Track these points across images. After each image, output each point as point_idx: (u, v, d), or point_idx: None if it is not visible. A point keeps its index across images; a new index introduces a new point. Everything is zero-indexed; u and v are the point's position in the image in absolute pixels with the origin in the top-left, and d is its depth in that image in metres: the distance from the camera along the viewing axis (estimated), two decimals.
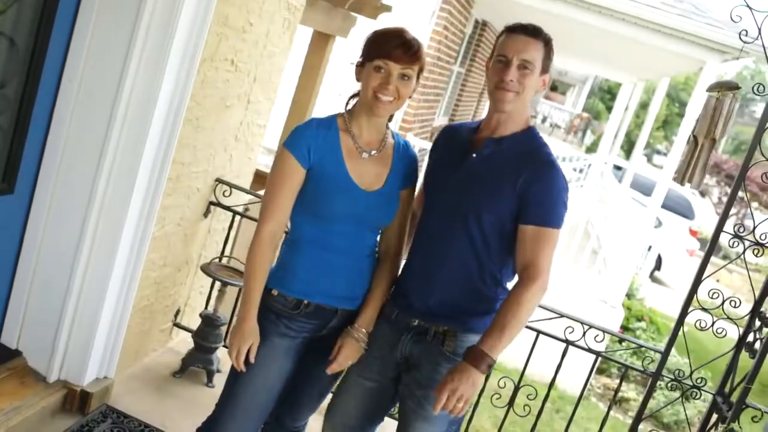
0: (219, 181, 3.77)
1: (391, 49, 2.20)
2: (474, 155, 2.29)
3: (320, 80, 6.45)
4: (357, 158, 2.29)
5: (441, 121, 11.88)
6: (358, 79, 2.30)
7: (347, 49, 8.45)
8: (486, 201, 2.24)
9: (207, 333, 3.65)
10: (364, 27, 7.35)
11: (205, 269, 3.68)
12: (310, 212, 2.28)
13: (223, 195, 3.79)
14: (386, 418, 2.63)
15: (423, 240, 2.38)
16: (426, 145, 9.16)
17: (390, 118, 2.38)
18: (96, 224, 2.89)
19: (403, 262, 2.48)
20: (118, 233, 2.90)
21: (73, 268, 2.88)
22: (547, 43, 2.25)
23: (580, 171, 17.34)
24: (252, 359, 2.27)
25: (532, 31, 2.23)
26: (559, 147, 22.79)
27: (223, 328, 3.72)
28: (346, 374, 2.50)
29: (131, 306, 3.12)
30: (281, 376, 2.36)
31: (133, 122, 2.82)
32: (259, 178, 5.46)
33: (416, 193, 2.50)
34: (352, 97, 2.38)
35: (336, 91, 9.18)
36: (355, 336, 2.35)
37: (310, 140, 2.25)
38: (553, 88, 39.37)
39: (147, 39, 2.76)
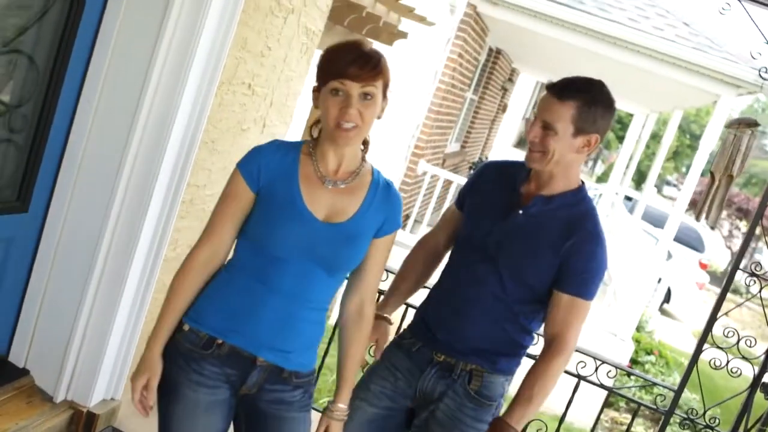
0: None
1: (345, 66, 1.90)
2: (521, 212, 2.23)
3: None
4: (317, 186, 1.99)
5: (453, 147, 11.90)
6: (316, 106, 2.01)
7: None
8: (526, 261, 2.20)
9: None
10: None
11: None
12: (253, 238, 1.99)
13: None
14: None
15: (455, 277, 2.33)
16: (437, 171, 9.18)
17: (365, 147, 2.11)
18: (108, 245, 2.88)
19: (427, 292, 2.46)
20: (130, 254, 2.89)
21: (84, 288, 2.87)
22: (585, 102, 2.12)
23: None
24: (150, 401, 1.95)
25: (560, 92, 2.13)
26: None
27: None
28: (351, 402, 2.40)
29: (141, 329, 3.10)
30: None
31: (150, 144, 2.82)
32: None
33: (448, 216, 2.49)
34: (315, 123, 2.07)
35: None
36: (336, 417, 2.10)
37: (262, 160, 1.99)
38: None
39: (166, 61, 2.76)
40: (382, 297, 2.57)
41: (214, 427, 2.01)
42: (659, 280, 12.95)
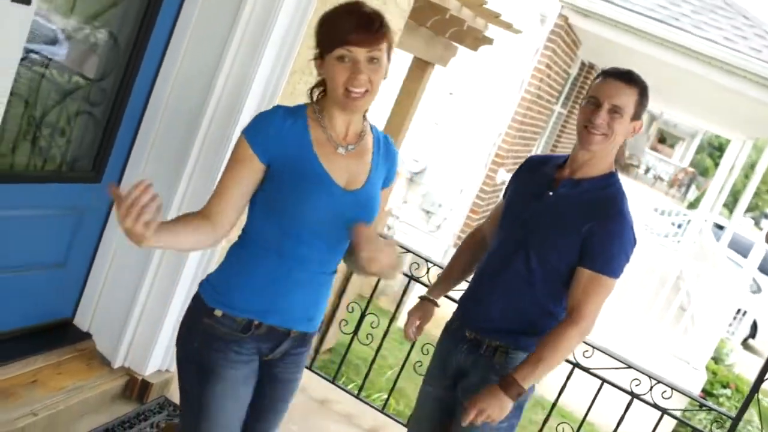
0: None
1: (349, 31, 1.84)
2: (551, 193, 2.35)
3: (416, 107, 6.48)
4: (331, 152, 1.95)
5: None
6: (319, 74, 1.98)
7: (446, 78, 8.52)
8: (551, 241, 2.31)
9: None
10: (464, 57, 7.40)
11: None
12: (276, 214, 1.93)
13: None
14: None
15: (489, 260, 2.48)
16: None
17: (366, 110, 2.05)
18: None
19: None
20: None
21: (147, 260, 2.98)
22: (642, 90, 2.28)
23: (679, 226, 16.86)
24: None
25: (627, 78, 2.26)
26: (659, 200, 22.22)
27: None
28: (420, 391, 2.64)
29: None
30: (243, 408, 2.06)
31: (220, 125, 2.91)
32: None
33: (497, 208, 2.61)
34: (316, 87, 2.04)
35: (432, 119, 9.25)
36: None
37: (271, 130, 1.92)
38: (662, 140, 38.47)
39: (240, 46, 2.84)
40: (432, 282, 2.81)
41: (249, 396, 2.06)
42: (744, 313, 12.49)
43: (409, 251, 3.90)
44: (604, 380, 3.44)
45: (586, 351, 3.37)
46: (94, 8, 2.65)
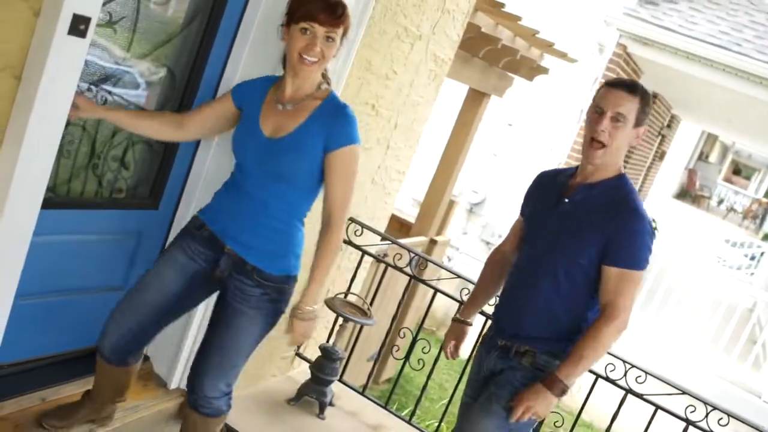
0: (351, 220, 3.90)
1: (316, 11, 2.23)
2: (567, 200, 2.46)
3: (472, 138, 6.54)
4: (272, 108, 2.38)
5: None
6: (282, 39, 2.35)
7: (503, 108, 8.56)
8: (575, 246, 2.41)
9: (324, 365, 3.76)
10: (520, 87, 7.43)
11: (329, 303, 3.80)
12: (233, 151, 2.44)
13: (355, 234, 3.92)
14: None
15: (516, 272, 2.61)
16: None
17: (326, 80, 2.45)
18: None
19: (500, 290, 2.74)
20: None
21: None
22: (643, 98, 2.39)
23: (752, 258, 16.39)
24: None
25: (629, 87, 2.38)
26: (732, 232, 21.64)
27: (340, 362, 3.81)
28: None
29: None
30: (160, 292, 2.45)
31: None
32: (396, 223, 5.61)
33: (515, 227, 2.75)
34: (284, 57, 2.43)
35: (491, 150, 9.28)
36: (298, 316, 2.41)
37: (248, 87, 2.47)
38: (736, 171, 37.54)
39: None
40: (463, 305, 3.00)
41: (166, 278, 2.46)
42: None
43: (458, 276, 3.93)
44: (658, 406, 3.38)
45: (639, 376, 3.33)
46: (151, 43, 2.79)
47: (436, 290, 3.80)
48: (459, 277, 3.88)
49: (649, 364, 3.59)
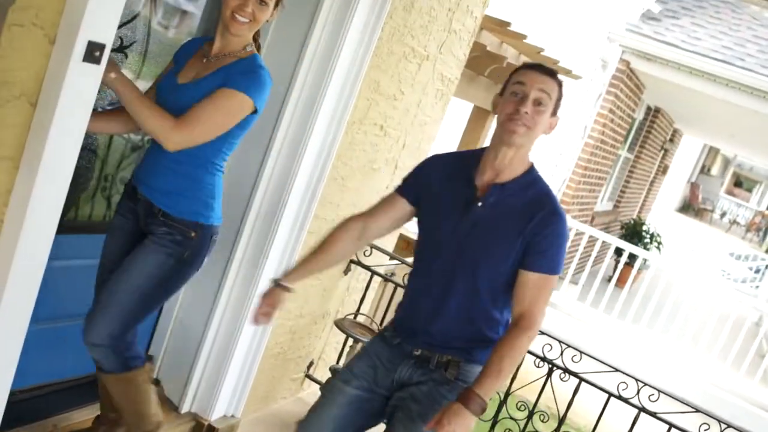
0: None
1: None
2: (480, 204, 2.25)
3: None
4: (198, 62, 2.42)
5: (605, 206, 11.64)
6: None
7: None
8: (493, 251, 2.22)
9: None
10: None
11: (339, 324, 3.79)
12: None
13: (364, 254, 3.91)
14: None
15: (427, 277, 2.34)
16: (584, 228, 9.01)
17: (258, 47, 2.49)
18: (237, 270, 3.07)
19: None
20: (255, 281, 3.08)
21: (212, 307, 3.07)
22: (561, 86, 2.24)
23: (757, 271, 16.36)
24: None
25: (550, 71, 2.23)
26: (735, 245, 21.61)
27: None
28: (330, 385, 2.48)
29: (263, 350, 3.27)
30: (112, 253, 2.50)
31: (280, 176, 3.01)
32: (403, 242, 5.58)
33: (389, 201, 2.45)
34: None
35: None
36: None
37: (183, 48, 2.53)
38: (738, 183, 37.54)
39: (299, 100, 2.96)
40: (291, 266, 2.69)
41: (110, 245, 2.53)
42: None
43: None
44: (671, 425, 3.36)
45: (652, 395, 3.31)
46: (162, 66, 2.80)
47: None
48: None
49: (658, 380, 3.57)
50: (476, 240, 2.24)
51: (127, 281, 2.39)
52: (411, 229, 8.03)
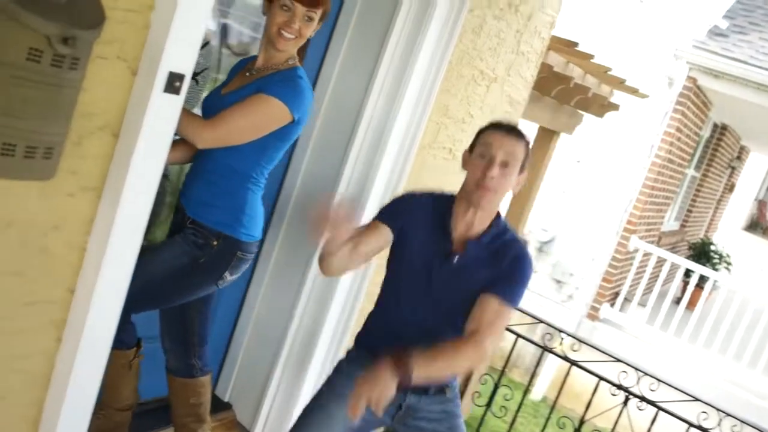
0: None
1: None
2: (457, 257, 2.26)
3: (542, 176, 6.47)
4: (242, 75, 2.44)
5: (671, 225, 11.39)
6: (263, 13, 2.37)
7: (571, 145, 8.45)
8: (467, 299, 2.23)
9: None
10: (591, 124, 7.33)
11: None
12: None
13: None
14: None
15: (402, 319, 2.32)
16: (651, 248, 8.82)
17: (300, 59, 2.46)
18: (307, 299, 3.08)
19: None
20: (326, 307, 3.07)
21: (284, 331, 3.08)
22: (527, 144, 2.29)
23: None
24: None
25: (517, 132, 2.27)
26: None
27: None
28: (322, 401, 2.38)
29: None
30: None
31: (352, 198, 3.01)
32: None
33: (371, 229, 2.33)
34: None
35: (560, 188, 9.15)
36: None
37: (235, 65, 2.57)
38: None
39: (370, 125, 2.96)
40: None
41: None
42: None
43: (541, 322, 3.84)
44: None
45: (735, 425, 3.20)
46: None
47: (519, 336, 3.72)
48: (540, 321, 3.81)
49: (735, 409, 3.45)
50: (452, 292, 2.27)
51: (139, 264, 2.19)
52: None
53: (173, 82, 1.91)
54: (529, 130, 6.44)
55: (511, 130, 2.27)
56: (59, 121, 1.61)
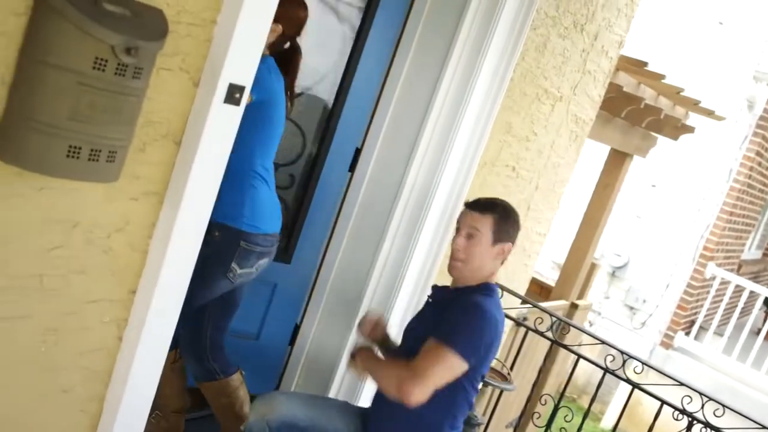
0: None
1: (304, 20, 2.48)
2: (430, 301, 2.59)
3: (614, 199, 6.38)
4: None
5: (753, 254, 11.03)
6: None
7: (646, 169, 8.30)
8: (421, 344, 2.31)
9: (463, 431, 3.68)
10: (666, 147, 7.20)
11: None
12: None
13: None
14: None
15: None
16: (729, 276, 8.56)
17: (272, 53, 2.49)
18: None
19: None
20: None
21: (341, 341, 3.11)
22: (500, 216, 2.43)
23: None
24: None
25: (482, 207, 2.45)
26: None
27: (479, 428, 3.73)
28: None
29: None
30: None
31: (411, 216, 3.04)
32: (535, 286, 5.49)
33: None
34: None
35: (634, 212, 9.00)
36: None
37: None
38: None
39: (430, 141, 2.99)
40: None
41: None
42: None
43: (603, 343, 3.78)
44: None
45: None
46: None
47: (580, 356, 3.67)
48: (603, 342, 3.74)
49: None
50: (416, 337, 2.38)
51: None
52: (545, 273, 7.91)
53: (233, 94, 1.99)
54: (600, 151, 6.38)
55: (476, 206, 2.46)
56: (123, 126, 1.69)
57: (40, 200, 1.73)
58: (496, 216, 2.43)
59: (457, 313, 2.31)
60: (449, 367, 2.23)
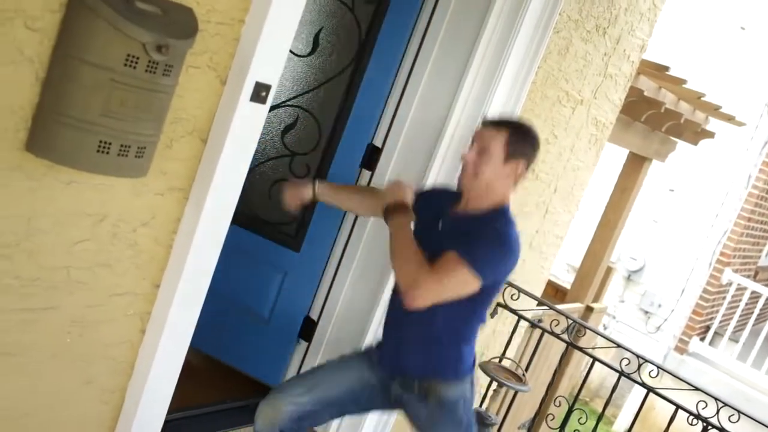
0: (508, 284, 3.87)
1: None
2: (441, 223, 2.40)
3: (632, 203, 6.37)
4: None
5: None
6: None
7: (664, 173, 8.27)
8: None
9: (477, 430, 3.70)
10: (685, 152, 7.18)
11: (484, 367, 3.76)
12: None
13: (511, 298, 3.87)
14: None
15: (394, 307, 2.49)
16: (746, 282, 8.52)
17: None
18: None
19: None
20: None
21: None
22: (514, 132, 2.34)
23: None
24: None
25: (496, 123, 2.39)
26: None
27: (492, 428, 3.74)
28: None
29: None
30: None
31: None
32: (551, 288, 5.50)
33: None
34: None
35: (651, 216, 8.96)
36: None
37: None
38: None
39: (452, 141, 2.99)
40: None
41: None
42: None
43: (618, 346, 3.79)
44: None
45: None
46: (298, 89, 2.94)
47: (595, 359, 3.67)
48: (618, 346, 3.75)
49: None
50: (435, 256, 2.25)
51: None
52: (560, 276, 7.89)
53: (259, 92, 2.01)
54: (619, 154, 6.37)
55: (489, 122, 2.42)
56: (152, 123, 1.72)
57: (68, 194, 1.76)
58: (510, 131, 2.34)
59: (481, 236, 2.24)
60: (460, 282, 2.21)
